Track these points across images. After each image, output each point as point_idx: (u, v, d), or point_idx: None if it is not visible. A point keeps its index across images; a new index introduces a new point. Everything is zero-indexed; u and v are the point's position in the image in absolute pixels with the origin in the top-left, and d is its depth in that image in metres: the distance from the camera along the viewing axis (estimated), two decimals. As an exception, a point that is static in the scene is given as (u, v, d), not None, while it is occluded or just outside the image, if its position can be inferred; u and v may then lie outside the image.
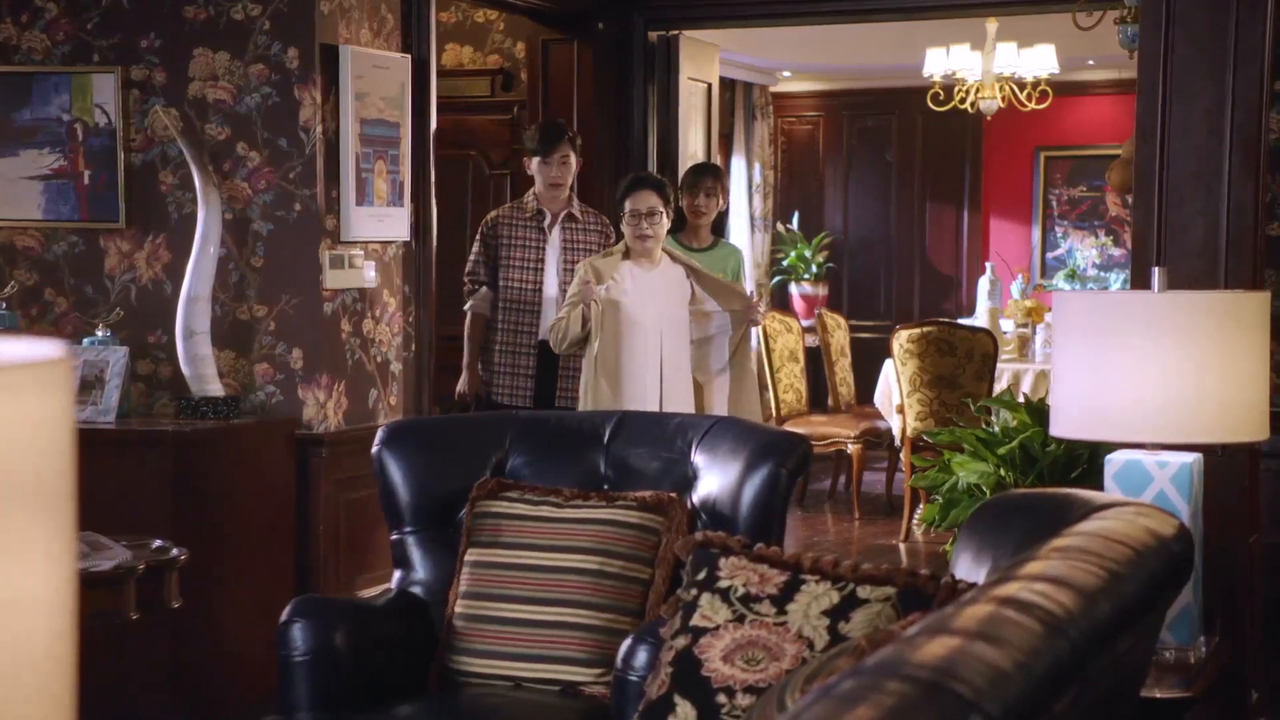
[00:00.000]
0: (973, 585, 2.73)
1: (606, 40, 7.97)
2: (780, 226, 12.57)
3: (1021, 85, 9.82)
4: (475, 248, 6.52)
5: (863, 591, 2.94)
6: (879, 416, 9.47)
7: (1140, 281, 3.93)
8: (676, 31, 8.09)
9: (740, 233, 12.04)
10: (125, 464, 5.23)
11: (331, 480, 5.71)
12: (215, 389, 5.56)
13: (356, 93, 5.74)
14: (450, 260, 6.67)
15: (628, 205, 6.07)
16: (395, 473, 4.17)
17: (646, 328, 5.97)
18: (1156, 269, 3.32)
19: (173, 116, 5.66)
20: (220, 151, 5.69)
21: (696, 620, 3.03)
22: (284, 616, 3.72)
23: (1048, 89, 9.74)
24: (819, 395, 10.59)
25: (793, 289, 12.40)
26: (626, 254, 6.06)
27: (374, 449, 4.21)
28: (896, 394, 8.81)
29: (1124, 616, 2.19)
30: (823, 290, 12.37)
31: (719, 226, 7.49)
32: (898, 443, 9.03)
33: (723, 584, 3.05)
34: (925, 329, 8.64)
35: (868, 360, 10.10)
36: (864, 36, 10.45)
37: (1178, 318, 3.18)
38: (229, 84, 5.67)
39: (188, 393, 5.56)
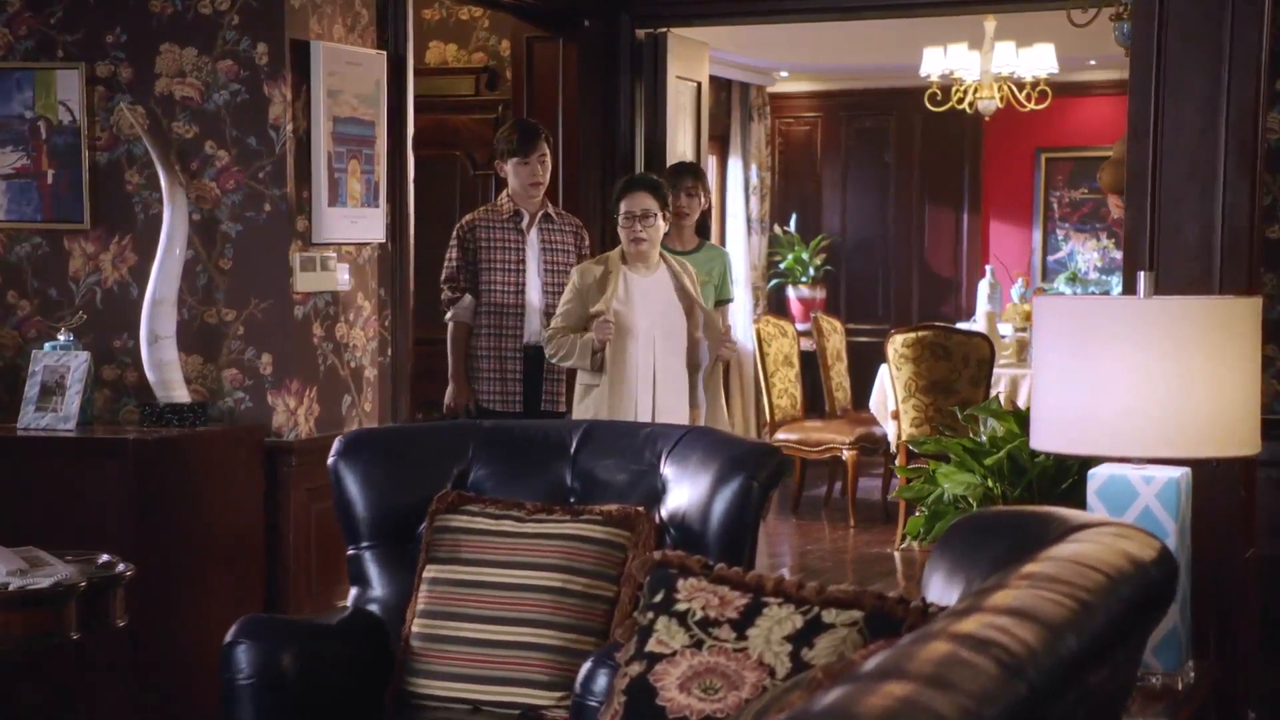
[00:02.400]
0: (943, 609, 2.58)
1: (593, 38, 7.81)
2: (777, 229, 12.42)
3: (1020, 85, 9.65)
4: (453, 254, 6.37)
5: (828, 616, 2.77)
6: (875, 422, 9.32)
7: (1132, 285, 3.77)
8: (664, 29, 7.93)
9: (737, 235, 11.89)
10: (85, 474, 5.06)
11: (302, 489, 5.54)
12: (181, 395, 5.39)
13: (329, 90, 5.58)
14: (436, 262, 6.51)
15: (622, 207, 5.93)
16: (352, 485, 4.01)
17: (639, 334, 5.81)
18: (1142, 273, 3.14)
19: (138, 114, 5.50)
20: (187, 150, 5.53)
21: (652, 645, 2.85)
22: (228, 637, 3.55)
23: (1047, 89, 9.57)
24: (815, 400, 10.42)
25: (790, 292, 12.25)
26: (623, 258, 5.90)
27: (330, 460, 4.05)
28: (892, 399, 8.65)
29: (1094, 648, 2.04)
30: (820, 293, 12.22)
31: (703, 228, 7.35)
32: (893, 449, 8.87)
33: (680, 607, 2.87)
34: (920, 333, 8.48)
35: (866, 364, 9.95)
36: (861, 36, 10.29)
37: (1164, 324, 3.01)
38: (196, 80, 5.50)
39: (153, 399, 5.39)
